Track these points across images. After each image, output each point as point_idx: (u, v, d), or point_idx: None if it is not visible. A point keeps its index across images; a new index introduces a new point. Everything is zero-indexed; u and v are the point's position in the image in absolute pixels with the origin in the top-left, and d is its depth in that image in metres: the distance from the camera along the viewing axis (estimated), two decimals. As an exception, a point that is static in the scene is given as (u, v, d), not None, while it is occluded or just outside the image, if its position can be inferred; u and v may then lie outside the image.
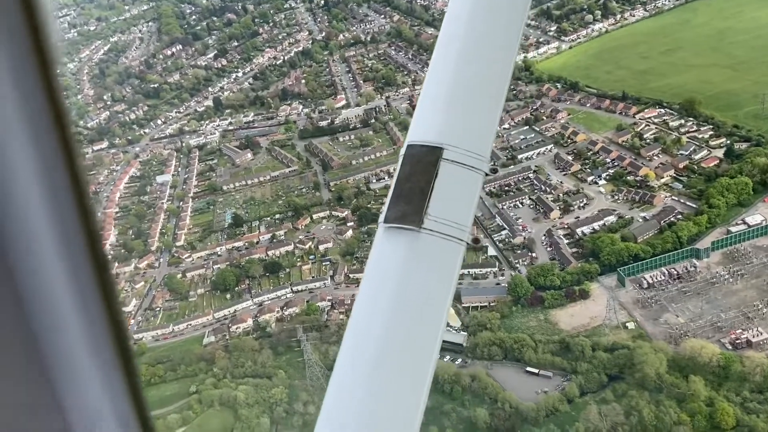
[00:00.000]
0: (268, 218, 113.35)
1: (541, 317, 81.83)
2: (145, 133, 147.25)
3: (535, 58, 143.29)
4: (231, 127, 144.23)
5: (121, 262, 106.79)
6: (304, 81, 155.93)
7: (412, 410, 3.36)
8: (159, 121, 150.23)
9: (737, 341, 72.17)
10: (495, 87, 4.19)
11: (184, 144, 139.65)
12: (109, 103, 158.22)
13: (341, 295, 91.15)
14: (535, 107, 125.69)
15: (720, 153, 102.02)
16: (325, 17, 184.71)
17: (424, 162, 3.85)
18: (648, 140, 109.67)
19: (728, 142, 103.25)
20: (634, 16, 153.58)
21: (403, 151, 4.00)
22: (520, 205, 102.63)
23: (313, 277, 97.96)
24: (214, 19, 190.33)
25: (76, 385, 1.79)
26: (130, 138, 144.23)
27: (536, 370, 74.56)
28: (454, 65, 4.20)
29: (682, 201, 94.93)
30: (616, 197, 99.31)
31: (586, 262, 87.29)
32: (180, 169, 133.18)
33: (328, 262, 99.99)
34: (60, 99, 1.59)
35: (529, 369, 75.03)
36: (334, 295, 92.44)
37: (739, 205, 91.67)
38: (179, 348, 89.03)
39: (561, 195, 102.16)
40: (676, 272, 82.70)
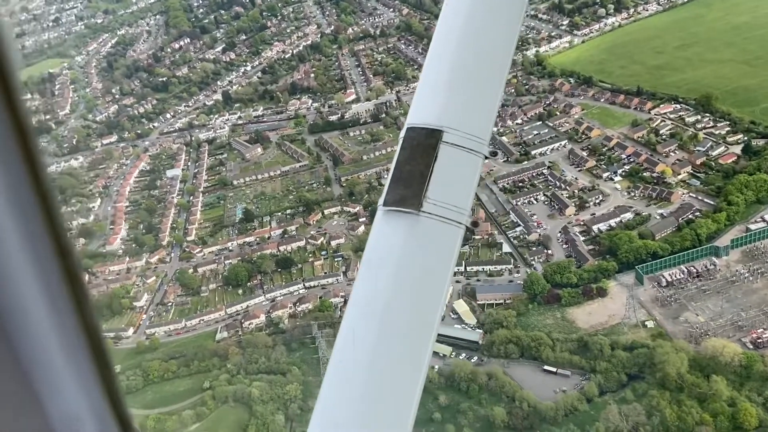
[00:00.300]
0: (279, 213, 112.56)
1: (558, 315, 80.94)
2: (154, 127, 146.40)
3: (548, 53, 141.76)
4: (240, 122, 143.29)
5: (132, 257, 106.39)
6: (313, 75, 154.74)
7: (410, 391, 3.36)
8: (168, 115, 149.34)
9: (758, 340, 71.22)
10: (495, 70, 4.15)
11: (193, 138, 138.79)
12: (117, 97, 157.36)
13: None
14: (548, 102, 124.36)
15: (737, 149, 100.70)
16: (334, 10, 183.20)
17: (424, 145, 3.82)
18: (664, 136, 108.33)
19: (746, 138, 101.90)
20: (647, 11, 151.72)
21: (403, 134, 3.97)
22: (535, 202, 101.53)
23: (326, 273, 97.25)
24: (222, 12, 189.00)
25: (54, 388, 1.82)
26: (139, 132, 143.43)
27: (554, 369, 73.75)
28: (455, 48, 4.16)
29: (700, 198, 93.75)
30: (633, 194, 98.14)
31: (603, 259, 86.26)
32: (189, 164, 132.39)
33: (341, 258, 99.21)
34: (21, 107, 1.57)
35: (546, 367, 74.23)
36: (347, 292, 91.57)
37: (758, 202, 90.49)
38: (192, 343, 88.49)
39: (576, 191, 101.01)
40: (695, 270, 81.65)
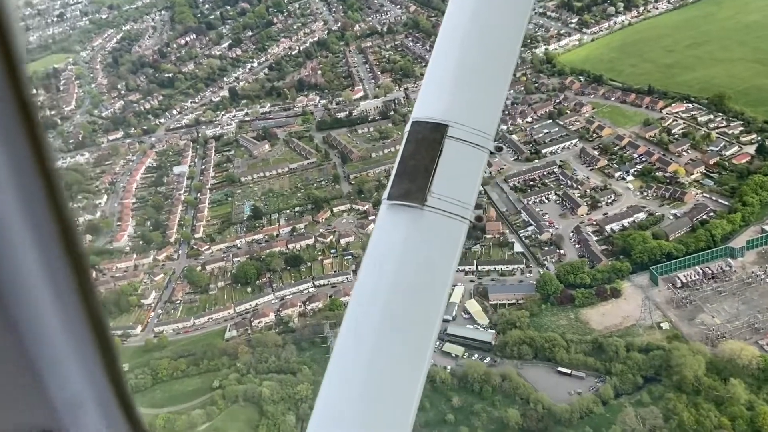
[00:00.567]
0: (288, 211, 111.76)
1: (572, 316, 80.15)
2: (160, 123, 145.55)
3: (557, 51, 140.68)
4: (247, 118, 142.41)
5: (139, 254, 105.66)
6: (320, 72, 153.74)
7: (410, 389, 3.32)
8: (174, 111, 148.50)
9: (775, 343, 70.46)
10: (502, 65, 4.09)
11: (200, 134, 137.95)
12: (123, 93, 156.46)
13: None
14: (558, 100, 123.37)
15: (751, 149, 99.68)
16: (340, 7, 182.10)
17: (429, 139, 3.79)
18: (676, 135, 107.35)
19: (760, 138, 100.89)
20: (657, 9, 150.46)
21: (408, 128, 3.93)
22: (546, 201, 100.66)
23: (335, 272, 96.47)
24: (228, 8, 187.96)
25: (58, 375, 1.84)
26: (145, 128, 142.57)
27: (568, 371, 72.97)
28: (461, 43, 4.12)
29: (714, 198, 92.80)
30: (645, 194, 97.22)
31: (616, 260, 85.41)
32: (197, 160, 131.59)
33: (350, 257, 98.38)
34: (29, 98, 1.58)
35: (560, 369, 73.45)
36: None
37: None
38: (201, 342, 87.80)
39: (588, 191, 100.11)
40: (710, 271, 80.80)
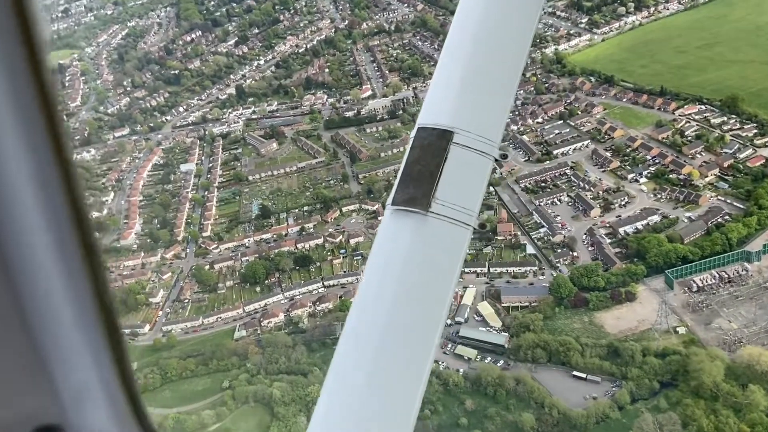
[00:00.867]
0: (296, 210, 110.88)
1: (586, 319, 79.28)
2: (166, 120, 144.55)
3: (567, 51, 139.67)
4: (254, 116, 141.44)
5: (147, 252, 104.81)
6: (327, 70, 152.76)
7: (411, 394, 3.32)
8: (181, 108, 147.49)
9: (794, 349, 69.56)
10: (509, 72, 4.09)
11: (207, 132, 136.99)
12: (129, 89, 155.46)
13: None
14: (568, 101, 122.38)
15: (766, 152, 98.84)
16: (347, 5, 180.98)
17: (434, 145, 3.79)
18: (689, 137, 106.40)
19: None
20: (668, 9, 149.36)
21: (413, 133, 3.94)
22: (558, 202, 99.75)
23: (345, 272, 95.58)
24: (234, 5, 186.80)
25: (64, 361, 1.84)
26: (151, 125, 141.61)
27: (584, 375, 72.13)
28: (469, 49, 4.13)
29: (729, 201, 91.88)
30: (659, 196, 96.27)
31: (631, 263, 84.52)
32: (204, 158, 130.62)
33: (360, 257, 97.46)
34: (50, 90, 1.61)
35: (575, 373, 72.61)
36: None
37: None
38: (210, 341, 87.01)
39: (600, 192, 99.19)
40: (726, 275, 79.92)
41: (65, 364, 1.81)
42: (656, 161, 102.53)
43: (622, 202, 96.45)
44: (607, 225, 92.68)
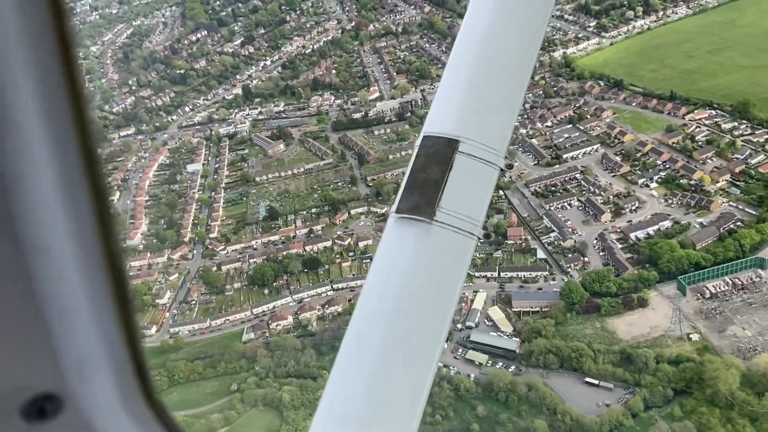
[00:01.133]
0: (304, 212, 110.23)
1: (598, 325, 78.67)
2: (172, 120, 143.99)
3: (575, 54, 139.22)
4: (261, 117, 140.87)
5: (153, 252, 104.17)
6: (335, 71, 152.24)
7: (413, 402, 3.31)
8: (187, 108, 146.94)
9: (809, 358, 68.97)
10: (515, 82, 4.10)
11: (213, 132, 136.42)
12: (134, 88, 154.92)
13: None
14: (577, 105, 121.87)
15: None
16: (354, 6, 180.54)
17: (440, 154, 3.80)
18: (700, 142, 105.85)
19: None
20: (676, 14, 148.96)
21: (419, 142, 3.94)
22: (568, 207, 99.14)
23: (354, 275, 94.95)
24: (240, 5, 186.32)
25: (70, 331, 1.78)
26: (157, 124, 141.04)
27: (596, 381, 71.50)
28: (476, 58, 4.12)
29: (741, 207, 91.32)
30: (670, 201, 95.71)
31: (642, 268, 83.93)
32: (210, 158, 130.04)
33: (369, 260, 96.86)
34: (79, 82, 1.64)
35: (588, 380, 71.97)
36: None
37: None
38: (217, 344, 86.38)
39: (611, 197, 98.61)
40: (740, 282, 79.34)
41: (68, 329, 1.73)
42: (667, 166, 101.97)
43: (633, 207, 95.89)
44: (618, 230, 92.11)
